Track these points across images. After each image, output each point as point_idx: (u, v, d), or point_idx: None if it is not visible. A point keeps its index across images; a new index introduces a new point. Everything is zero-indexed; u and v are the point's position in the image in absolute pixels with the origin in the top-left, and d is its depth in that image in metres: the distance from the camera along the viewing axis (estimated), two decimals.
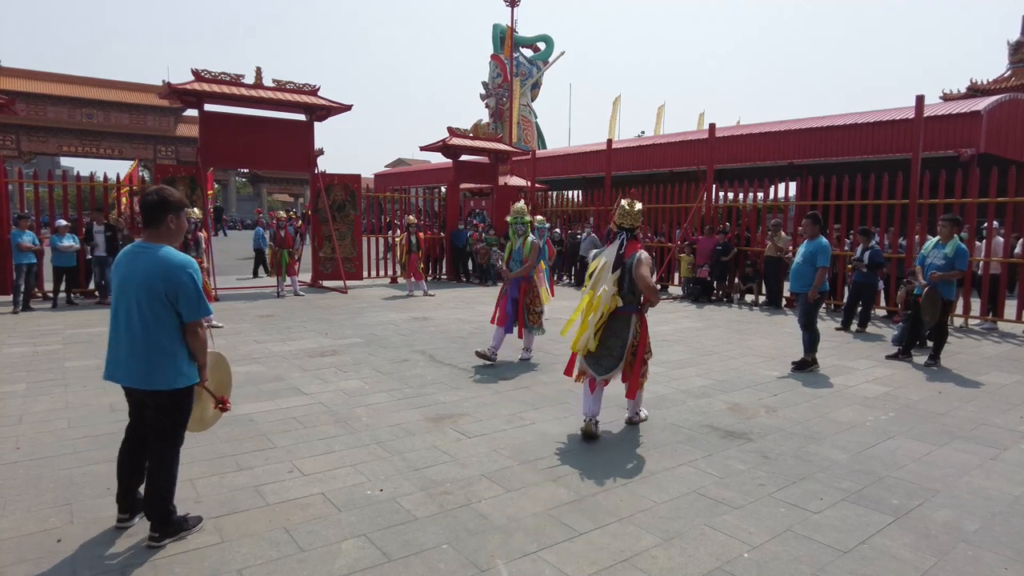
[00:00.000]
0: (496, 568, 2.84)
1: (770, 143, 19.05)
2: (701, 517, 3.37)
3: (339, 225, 14.38)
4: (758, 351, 7.80)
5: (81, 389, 5.62)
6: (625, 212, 4.67)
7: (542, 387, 5.96)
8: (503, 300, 6.99)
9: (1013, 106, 16.38)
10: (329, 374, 6.34)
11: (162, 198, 2.97)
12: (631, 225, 4.66)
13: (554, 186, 26.16)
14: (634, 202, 4.71)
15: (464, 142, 16.23)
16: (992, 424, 5.06)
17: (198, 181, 12.61)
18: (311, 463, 4.03)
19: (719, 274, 12.79)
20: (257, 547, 2.98)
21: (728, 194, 18.11)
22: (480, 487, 3.71)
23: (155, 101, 38.67)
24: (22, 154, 36.20)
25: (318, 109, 13.66)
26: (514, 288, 6.95)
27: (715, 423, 4.98)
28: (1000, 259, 9.84)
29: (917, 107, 10.72)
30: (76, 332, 8.38)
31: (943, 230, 7.13)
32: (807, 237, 6.94)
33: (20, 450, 4.16)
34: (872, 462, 4.20)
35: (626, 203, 4.71)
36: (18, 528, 3.12)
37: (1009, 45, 26.05)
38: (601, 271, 4.61)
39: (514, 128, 33.46)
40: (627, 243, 4.60)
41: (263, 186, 57.78)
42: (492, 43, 39.11)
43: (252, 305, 11.21)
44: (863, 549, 3.06)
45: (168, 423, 3.00)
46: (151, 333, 2.87)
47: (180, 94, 12.13)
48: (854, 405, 5.54)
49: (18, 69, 37.27)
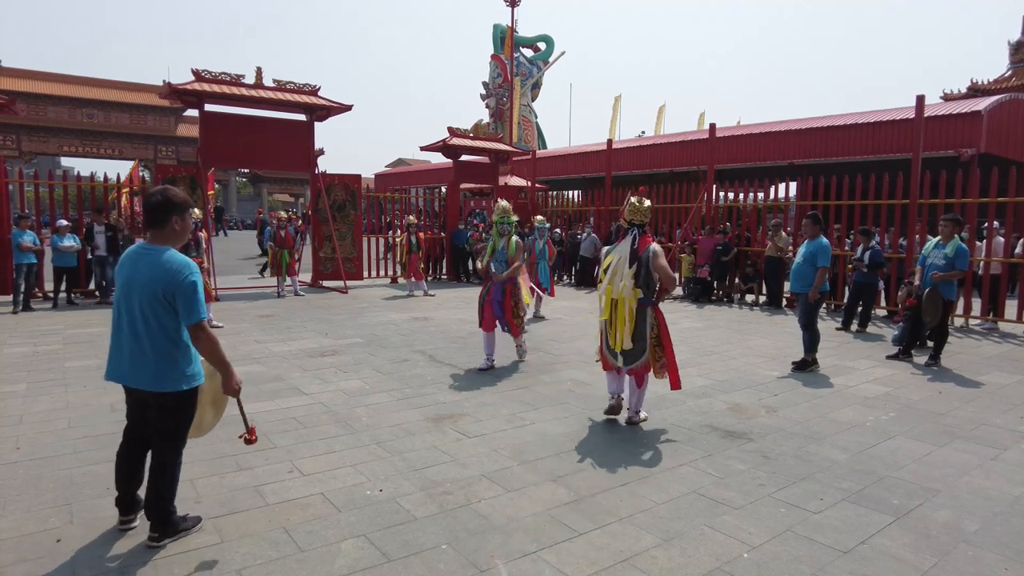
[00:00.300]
0: (496, 568, 2.84)
1: (770, 143, 19.05)
2: (701, 517, 3.37)
3: (339, 225, 14.38)
4: (758, 351, 7.80)
5: (81, 389, 5.63)
6: (635, 208, 4.84)
7: (542, 387, 5.96)
8: (488, 305, 6.69)
9: (1014, 106, 16.37)
10: (329, 374, 6.34)
11: (166, 199, 2.96)
12: (641, 221, 4.83)
13: (554, 186, 26.16)
14: (643, 199, 4.90)
15: (464, 142, 16.23)
16: (992, 424, 5.06)
17: (198, 181, 12.61)
18: (311, 463, 4.03)
19: (719, 274, 12.79)
20: (257, 547, 2.98)
21: (728, 194, 18.11)
22: (480, 487, 3.71)
23: (155, 101, 38.67)
24: (23, 154, 36.20)
25: (318, 109, 13.66)
26: (498, 291, 6.67)
27: (715, 423, 4.98)
28: (1001, 259, 9.83)
29: (917, 107, 10.71)
30: (76, 332, 8.38)
31: (944, 230, 7.13)
32: (807, 237, 6.94)
33: (20, 450, 4.16)
34: (872, 462, 4.19)
35: (635, 200, 4.87)
36: (18, 528, 3.12)
37: (1010, 45, 26.04)
38: (617, 266, 4.79)
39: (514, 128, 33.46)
40: (639, 238, 4.78)
41: (263, 186, 57.77)
42: (492, 43, 39.12)
43: (252, 305, 11.21)
44: (863, 549, 3.06)
45: (172, 425, 2.99)
46: (155, 336, 2.86)
47: (180, 94, 12.14)
48: (854, 405, 5.54)
49: (19, 69, 37.27)
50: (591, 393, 5.74)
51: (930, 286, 6.99)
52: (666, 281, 4.68)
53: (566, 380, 6.23)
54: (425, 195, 19.85)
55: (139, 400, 3.03)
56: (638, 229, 4.81)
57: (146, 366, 2.87)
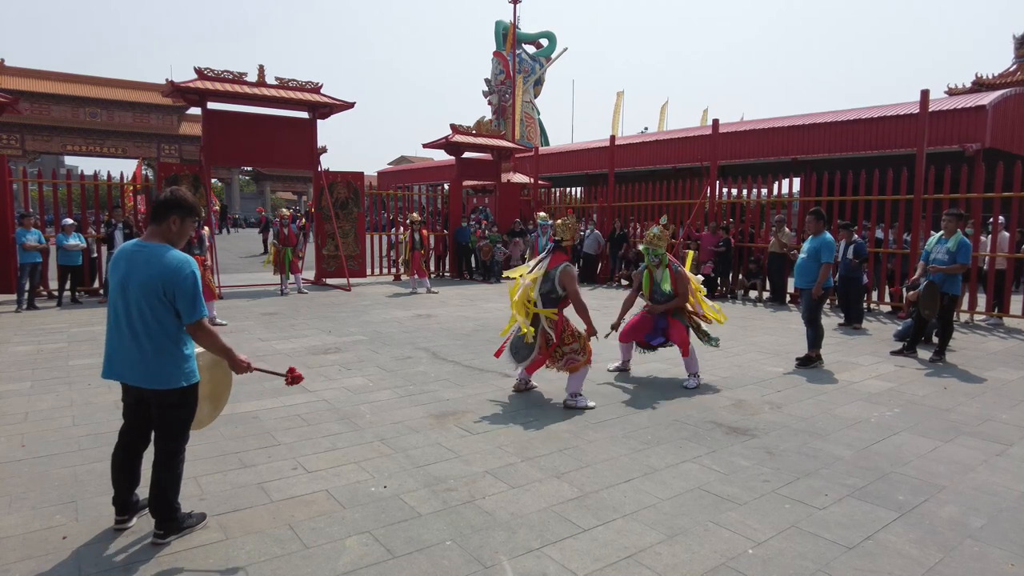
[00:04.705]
0: (500, 564, 2.84)
1: (774, 139, 19.00)
2: (705, 513, 3.36)
3: (342, 223, 14.39)
4: (762, 347, 7.78)
5: (85, 387, 5.64)
6: (562, 226, 5.45)
7: (546, 384, 5.95)
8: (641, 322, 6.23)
9: (1019, 101, 16.29)
10: (333, 371, 6.35)
11: (174, 198, 2.96)
12: (561, 238, 5.42)
13: (557, 183, 26.11)
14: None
15: (467, 139, 16.22)
16: (998, 420, 5.04)
17: (201, 179, 12.65)
18: (315, 460, 4.03)
19: (723, 270, 12.76)
20: (261, 544, 2.98)
21: (732, 190, 18.06)
22: (484, 484, 3.71)
23: (158, 100, 38.65)
24: (26, 153, 36.25)
25: (321, 107, 13.65)
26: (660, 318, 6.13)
27: (719, 419, 4.97)
28: (1006, 254, 9.79)
29: (922, 102, 10.66)
30: (80, 330, 8.40)
31: (947, 225, 7.10)
32: (811, 233, 6.92)
33: (25, 448, 4.18)
34: (877, 458, 4.18)
35: (562, 220, 5.52)
36: (23, 525, 3.13)
37: (1015, 39, 25.85)
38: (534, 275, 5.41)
39: (517, 125, 33.40)
40: (553, 255, 5.33)
41: (266, 184, 57.75)
42: (495, 40, 39.05)
43: (256, 303, 11.23)
44: (868, 545, 3.05)
45: (174, 422, 2.99)
46: (154, 333, 2.85)
47: (183, 92, 12.16)
48: (859, 401, 5.52)
49: (22, 68, 37.27)
50: (594, 390, 5.73)
51: (930, 279, 6.98)
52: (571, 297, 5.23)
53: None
54: (428, 192, 19.83)
55: (138, 399, 3.01)
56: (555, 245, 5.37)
57: (146, 364, 2.86)
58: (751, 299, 12.46)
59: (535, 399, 5.47)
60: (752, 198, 13.93)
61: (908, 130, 15.30)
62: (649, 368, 6.60)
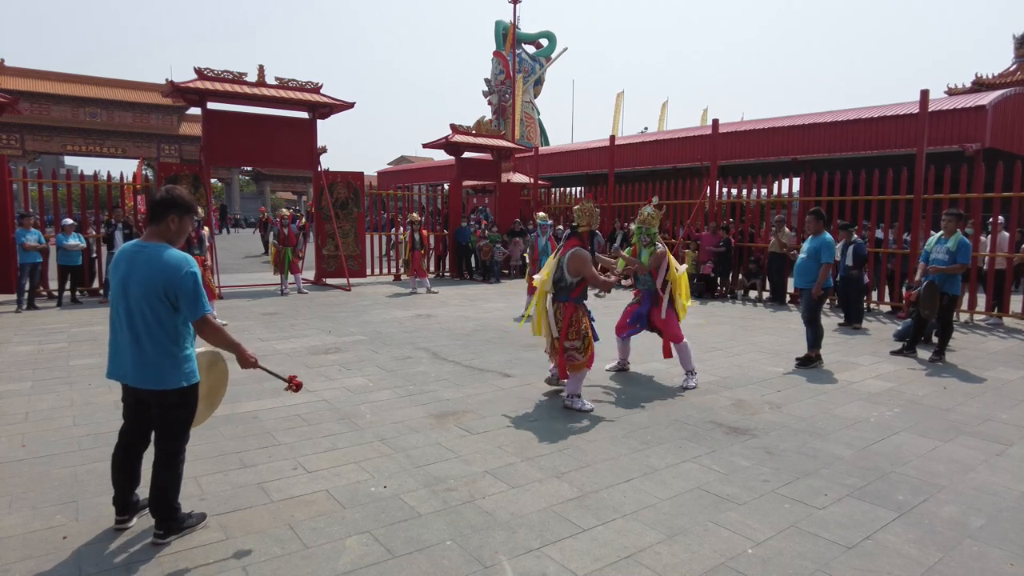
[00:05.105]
0: (500, 564, 2.84)
1: (774, 139, 18.98)
2: (705, 513, 3.36)
3: (342, 223, 14.39)
4: (762, 347, 7.78)
5: (86, 387, 5.64)
6: (580, 211, 5.34)
7: (544, 384, 5.95)
8: (629, 310, 6.32)
9: (1018, 100, 16.27)
10: (333, 371, 6.35)
11: (170, 197, 2.97)
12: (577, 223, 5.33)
13: (557, 183, 26.10)
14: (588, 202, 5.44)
15: (467, 139, 16.22)
16: (998, 420, 5.04)
17: (201, 179, 12.65)
18: (315, 460, 4.03)
19: (723, 270, 12.77)
20: (261, 544, 2.99)
21: (732, 190, 18.06)
22: (484, 483, 3.71)
23: (158, 100, 38.63)
24: (26, 153, 36.25)
25: (321, 107, 13.65)
26: (647, 300, 6.21)
27: (719, 419, 4.97)
28: (1006, 254, 9.79)
29: (922, 102, 10.65)
30: (81, 330, 8.40)
31: (947, 225, 7.10)
32: (811, 233, 6.93)
33: (25, 448, 4.18)
34: (877, 458, 4.18)
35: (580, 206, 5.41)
36: (24, 525, 3.14)
37: (1015, 39, 25.82)
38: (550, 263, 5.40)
39: (517, 125, 33.38)
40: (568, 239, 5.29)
41: (266, 184, 57.75)
42: (495, 40, 39.00)
43: (256, 303, 11.23)
44: (868, 545, 3.05)
45: (175, 422, 2.99)
46: (155, 333, 2.86)
47: (183, 92, 12.16)
48: (858, 401, 5.52)
49: (22, 68, 37.27)
50: (594, 391, 5.73)
51: (929, 279, 6.98)
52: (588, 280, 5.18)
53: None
54: (428, 192, 19.83)
55: (138, 399, 3.02)
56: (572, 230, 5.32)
57: (147, 364, 2.87)
58: (751, 299, 12.46)
59: (534, 397, 5.47)
60: (752, 198, 13.93)
61: (908, 130, 15.29)
62: (649, 368, 6.60)
